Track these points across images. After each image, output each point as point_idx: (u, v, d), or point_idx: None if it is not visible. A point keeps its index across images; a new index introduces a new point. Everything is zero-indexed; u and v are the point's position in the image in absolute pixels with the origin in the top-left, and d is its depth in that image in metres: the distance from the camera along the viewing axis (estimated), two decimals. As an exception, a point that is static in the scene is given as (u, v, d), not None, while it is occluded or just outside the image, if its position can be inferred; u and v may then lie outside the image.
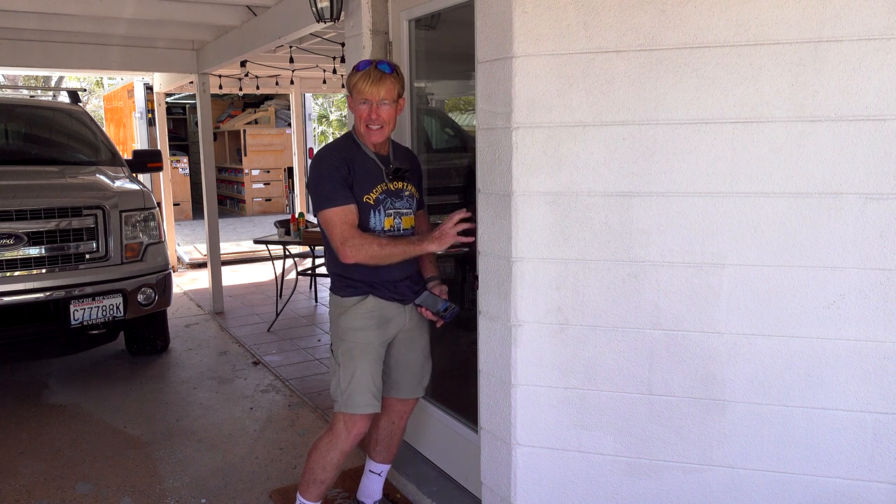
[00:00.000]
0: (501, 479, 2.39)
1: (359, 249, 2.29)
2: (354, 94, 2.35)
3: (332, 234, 2.32)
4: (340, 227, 2.30)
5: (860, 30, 1.83)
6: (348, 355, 2.43)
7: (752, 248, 2.00)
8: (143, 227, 4.39)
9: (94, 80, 16.97)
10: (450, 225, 2.32)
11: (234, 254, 8.69)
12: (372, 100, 2.32)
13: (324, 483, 2.49)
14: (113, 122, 11.85)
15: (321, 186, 2.33)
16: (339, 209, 2.31)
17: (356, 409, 2.41)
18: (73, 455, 3.49)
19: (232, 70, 7.09)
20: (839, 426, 2.01)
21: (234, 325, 5.84)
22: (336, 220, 2.31)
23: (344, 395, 2.42)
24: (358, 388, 2.41)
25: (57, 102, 7.07)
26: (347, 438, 2.44)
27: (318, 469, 2.48)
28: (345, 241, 2.29)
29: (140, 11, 4.62)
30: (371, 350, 2.43)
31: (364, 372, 2.41)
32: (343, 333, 2.44)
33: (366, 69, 2.33)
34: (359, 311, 2.42)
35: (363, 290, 2.43)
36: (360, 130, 2.40)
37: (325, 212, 2.32)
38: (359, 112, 2.35)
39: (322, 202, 2.32)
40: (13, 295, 3.89)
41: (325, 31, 4.49)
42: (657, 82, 2.01)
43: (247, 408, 4.07)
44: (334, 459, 2.46)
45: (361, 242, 2.29)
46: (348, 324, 2.42)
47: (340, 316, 2.44)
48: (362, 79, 2.32)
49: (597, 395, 2.21)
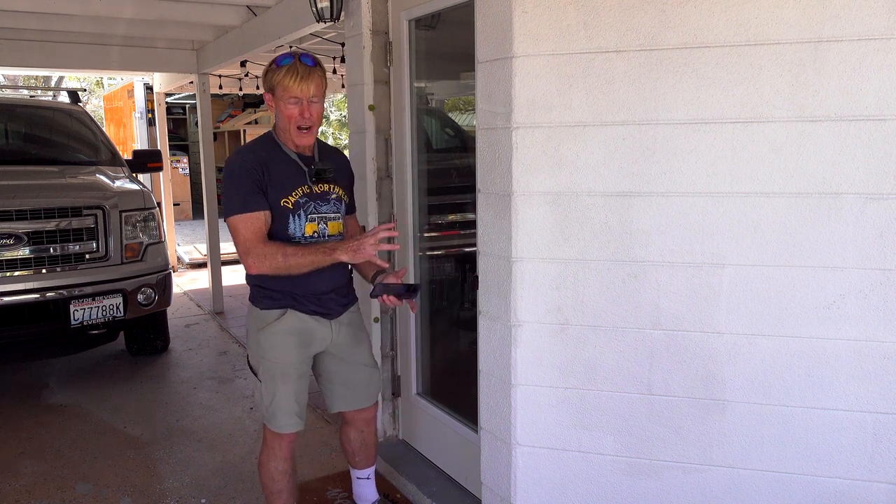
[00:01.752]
0: (501, 479, 2.39)
1: (262, 260, 2.16)
2: (279, 92, 2.18)
3: (237, 242, 2.19)
4: (244, 235, 2.17)
5: (860, 30, 1.83)
6: (269, 375, 2.33)
7: (752, 248, 2.00)
8: (143, 227, 4.39)
9: (94, 80, 16.96)
10: (371, 240, 2.14)
11: (234, 254, 8.65)
12: (302, 97, 2.17)
13: (282, 492, 2.47)
14: (113, 122, 11.85)
15: (230, 191, 2.20)
16: (246, 216, 2.17)
17: (280, 428, 2.36)
18: (73, 455, 3.49)
19: (232, 70, 7.08)
20: (839, 426, 2.01)
21: (234, 325, 5.84)
22: (241, 227, 2.17)
23: (268, 413, 2.36)
24: (280, 409, 2.34)
25: (57, 102, 7.07)
26: (283, 446, 2.42)
27: (269, 482, 2.46)
28: (248, 251, 2.16)
29: (140, 11, 4.62)
30: (292, 370, 2.34)
31: (285, 394, 2.33)
32: (263, 352, 2.32)
33: (290, 63, 2.16)
34: (278, 329, 2.30)
35: (283, 303, 2.30)
36: (288, 132, 2.24)
37: (231, 219, 2.19)
38: (287, 112, 2.19)
39: (228, 207, 2.19)
40: (13, 295, 3.89)
41: (325, 31, 4.48)
42: (657, 82, 2.01)
43: (247, 408, 4.07)
44: (279, 467, 2.44)
45: (265, 252, 2.16)
46: (269, 342, 2.31)
47: (260, 331, 2.32)
48: (288, 75, 2.15)
49: (597, 395, 2.21)
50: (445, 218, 3.29)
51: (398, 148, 3.11)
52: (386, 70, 3.11)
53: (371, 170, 3.14)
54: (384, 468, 3.17)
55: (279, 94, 2.19)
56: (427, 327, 3.20)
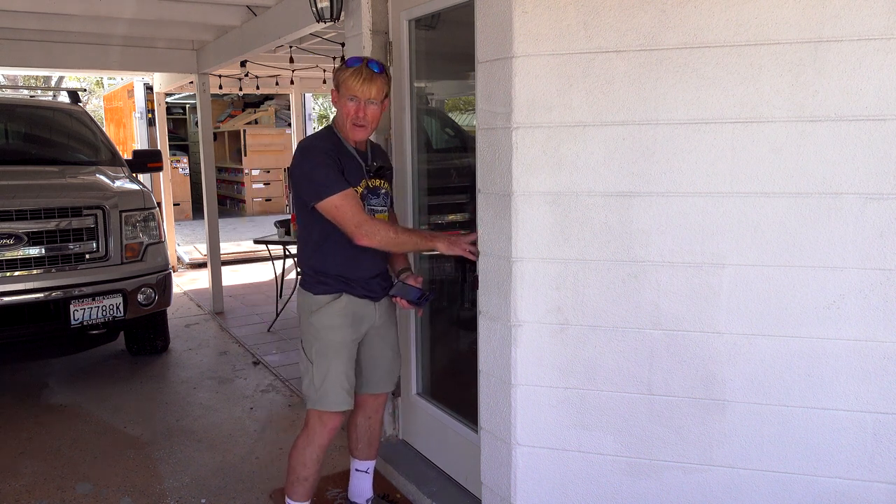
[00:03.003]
0: (501, 479, 2.39)
1: (376, 233, 2.28)
2: (343, 90, 2.33)
3: (345, 218, 2.27)
4: (352, 210, 2.27)
5: (860, 30, 1.83)
6: (322, 354, 2.42)
7: (752, 248, 2.00)
8: (143, 227, 4.39)
9: (94, 80, 16.97)
10: (469, 238, 2.37)
11: (234, 254, 8.69)
12: (361, 97, 2.31)
13: (307, 480, 2.50)
14: (113, 122, 11.86)
15: (318, 175, 2.29)
16: (345, 194, 2.27)
17: (331, 406, 2.42)
18: (73, 455, 3.49)
19: (232, 70, 7.09)
20: (839, 426, 2.01)
21: (234, 325, 5.84)
22: (346, 205, 2.27)
23: (318, 393, 2.42)
24: (332, 387, 2.41)
25: (57, 102, 7.06)
26: (323, 433, 2.46)
27: (299, 467, 2.49)
28: (360, 225, 2.27)
29: (140, 11, 4.62)
30: (345, 349, 2.44)
31: (338, 370, 2.42)
32: (316, 332, 2.42)
33: (357, 66, 2.31)
34: (333, 310, 2.41)
35: (337, 288, 2.41)
36: (345, 127, 2.37)
37: (332, 198, 2.26)
38: (346, 108, 2.33)
39: (323, 190, 2.27)
40: (13, 295, 3.89)
41: (325, 31, 4.49)
42: (657, 82, 2.01)
43: (247, 408, 4.07)
44: (313, 455, 2.48)
45: (378, 225, 2.30)
46: (322, 322, 2.41)
47: (313, 314, 2.42)
48: (354, 76, 2.30)
49: (597, 395, 2.21)
50: (445, 218, 3.29)
51: (398, 148, 3.11)
52: (386, 70, 3.10)
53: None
54: (384, 468, 3.17)
55: (343, 92, 2.34)
56: (427, 327, 3.20)
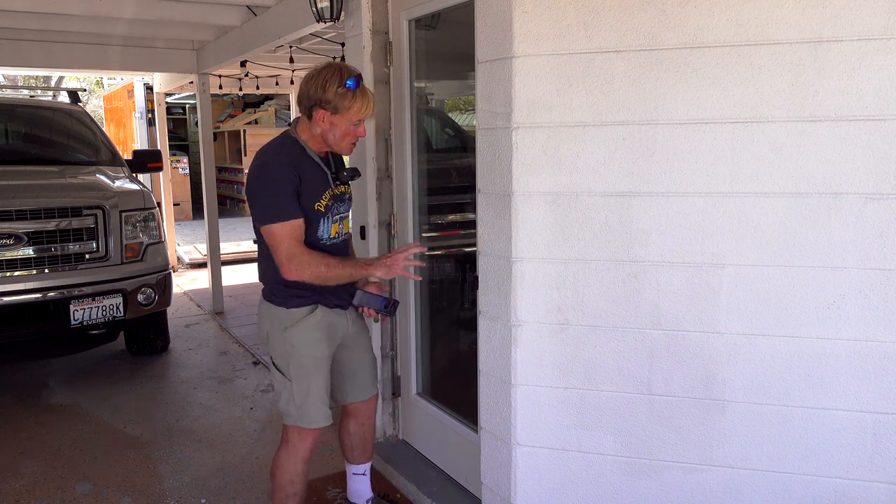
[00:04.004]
0: (501, 479, 2.39)
1: (304, 268, 2.21)
2: (345, 114, 2.21)
3: (278, 249, 2.21)
4: (288, 242, 2.20)
5: (860, 30, 1.83)
6: (302, 370, 2.35)
7: (752, 248, 2.00)
8: (143, 227, 4.39)
9: (94, 80, 16.96)
10: (403, 254, 2.29)
11: (234, 254, 8.69)
12: (364, 118, 2.25)
13: (297, 495, 2.46)
14: (113, 122, 11.85)
15: (268, 198, 2.21)
16: (288, 224, 2.20)
17: (313, 424, 2.38)
18: (73, 455, 3.49)
19: (232, 70, 7.08)
20: (839, 426, 2.01)
21: (234, 325, 5.84)
22: (284, 235, 2.20)
23: (300, 411, 2.36)
24: (315, 404, 2.37)
25: (57, 102, 7.06)
26: (305, 448, 2.43)
27: (287, 485, 2.44)
28: (291, 258, 2.20)
29: (140, 11, 4.62)
30: (324, 363, 2.40)
31: (319, 387, 2.37)
32: (293, 349, 2.34)
33: (358, 88, 2.21)
34: (309, 325, 2.34)
35: (312, 299, 2.34)
36: (337, 143, 2.29)
37: (272, 226, 2.20)
38: (347, 130, 2.25)
39: (269, 215, 2.21)
40: (13, 295, 3.89)
41: (325, 31, 4.49)
42: (657, 82, 2.01)
43: (247, 408, 4.07)
44: (299, 469, 2.44)
45: (308, 261, 2.21)
46: (300, 338, 2.33)
47: (287, 329, 2.34)
48: (358, 101, 2.20)
49: (597, 395, 2.21)
50: (445, 218, 3.29)
51: (398, 148, 3.11)
52: (386, 70, 3.11)
53: (371, 170, 3.14)
54: (384, 468, 3.17)
55: (344, 115, 2.21)
56: (427, 327, 3.20)
